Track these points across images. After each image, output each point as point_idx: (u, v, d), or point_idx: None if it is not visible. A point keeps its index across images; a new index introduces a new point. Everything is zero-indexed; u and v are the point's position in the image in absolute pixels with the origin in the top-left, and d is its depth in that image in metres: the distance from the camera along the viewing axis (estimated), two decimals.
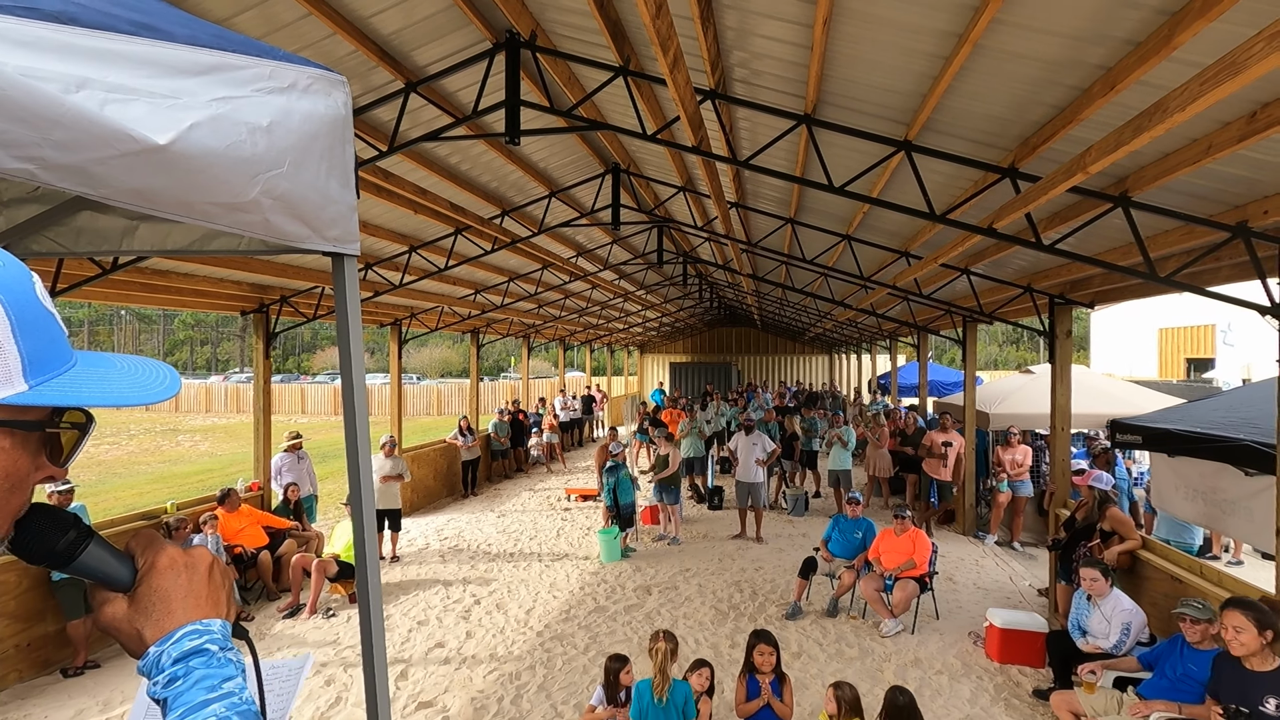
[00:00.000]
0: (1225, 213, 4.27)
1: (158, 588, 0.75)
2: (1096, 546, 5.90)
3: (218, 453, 21.38)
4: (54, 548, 0.73)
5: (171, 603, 0.75)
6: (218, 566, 0.81)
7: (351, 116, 1.22)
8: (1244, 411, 5.37)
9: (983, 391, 11.21)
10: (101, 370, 0.71)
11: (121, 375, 0.72)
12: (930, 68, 3.68)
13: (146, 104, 0.82)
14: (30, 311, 0.63)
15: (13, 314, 0.61)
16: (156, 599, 0.75)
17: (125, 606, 0.75)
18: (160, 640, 0.73)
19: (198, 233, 1.43)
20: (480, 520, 11.34)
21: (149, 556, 0.78)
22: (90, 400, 0.67)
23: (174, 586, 0.76)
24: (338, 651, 6.24)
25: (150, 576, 0.76)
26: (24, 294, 0.64)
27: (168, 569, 0.77)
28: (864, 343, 24.66)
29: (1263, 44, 2.12)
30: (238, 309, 8.97)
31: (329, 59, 4.33)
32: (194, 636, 0.73)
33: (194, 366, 69.50)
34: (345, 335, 1.25)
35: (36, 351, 0.63)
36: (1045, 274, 7.28)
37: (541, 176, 7.69)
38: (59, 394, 0.64)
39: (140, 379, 0.73)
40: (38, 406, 0.64)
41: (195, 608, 0.76)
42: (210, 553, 0.83)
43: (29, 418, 0.65)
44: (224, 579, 0.82)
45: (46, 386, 0.64)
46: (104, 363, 0.73)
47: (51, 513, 0.73)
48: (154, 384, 0.73)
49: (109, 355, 0.74)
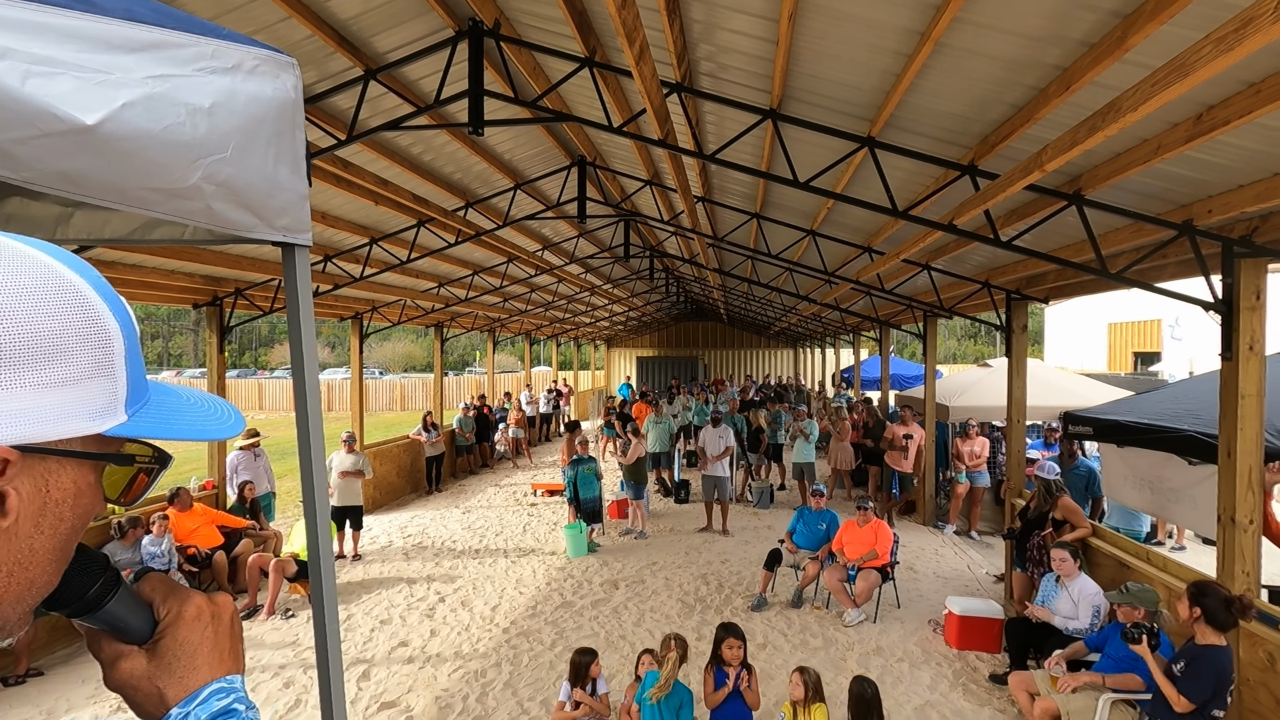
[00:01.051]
0: (1172, 211, 4.41)
1: (185, 641, 0.68)
2: (1049, 535, 6.08)
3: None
4: (85, 594, 0.64)
5: (197, 658, 0.68)
6: (237, 617, 0.74)
7: (302, 100, 1.16)
8: (1188, 403, 5.58)
9: (942, 385, 11.48)
10: (174, 401, 0.65)
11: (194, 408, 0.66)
12: (894, 64, 3.72)
13: (74, 79, 0.77)
14: (133, 336, 0.58)
15: (127, 337, 0.57)
16: (182, 654, 0.68)
17: (144, 662, 0.67)
18: (184, 701, 0.66)
19: (138, 221, 1.35)
20: (445, 517, 11.20)
21: (173, 605, 0.70)
22: (180, 434, 0.62)
23: (201, 640, 0.69)
24: (297, 653, 6.10)
25: (176, 629, 0.69)
26: (129, 317, 0.59)
27: (194, 620, 0.70)
28: (828, 337, 25.00)
29: (1210, 47, 2.19)
30: (190, 302, 8.66)
31: (284, 44, 4.19)
32: (221, 695, 0.67)
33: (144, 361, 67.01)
34: (297, 328, 1.20)
35: (136, 380, 0.58)
36: (1003, 270, 7.46)
37: (506, 168, 7.58)
38: (153, 426, 0.60)
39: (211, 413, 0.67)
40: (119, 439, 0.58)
41: (220, 663, 0.69)
42: (231, 601, 0.75)
43: (114, 450, 0.59)
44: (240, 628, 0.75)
45: (139, 417, 0.59)
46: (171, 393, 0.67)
47: (84, 553, 0.63)
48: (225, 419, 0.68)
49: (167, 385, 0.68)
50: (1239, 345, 4.11)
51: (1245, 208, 3.78)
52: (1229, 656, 3.64)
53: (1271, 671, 3.88)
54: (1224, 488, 4.26)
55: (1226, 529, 4.23)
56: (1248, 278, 4.12)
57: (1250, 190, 3.73)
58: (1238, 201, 3.82)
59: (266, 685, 5.49)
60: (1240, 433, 4.13)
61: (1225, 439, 4.23)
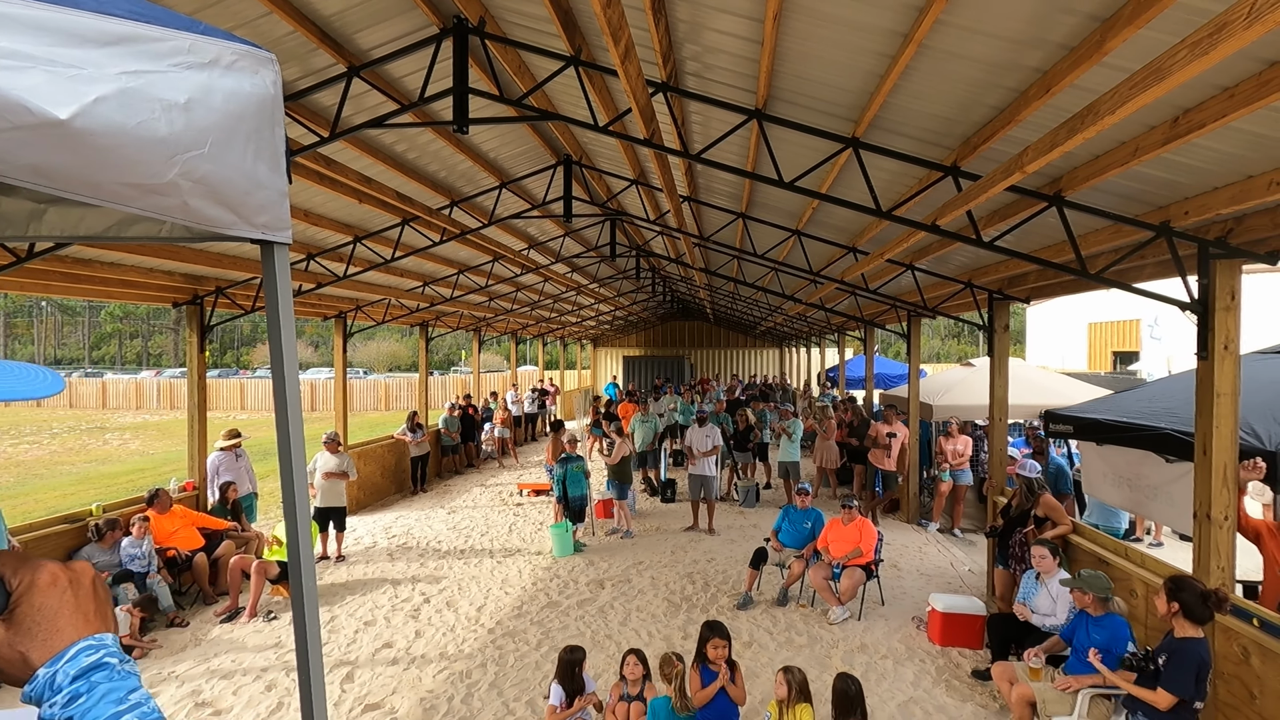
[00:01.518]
0: (1150, 213, 4.48)
1: (42, 606, 0.71)
2: (1031, 532, 6.16)
3: (149, 451, 20.40)
4: None
5: (59, 620, 0.71)
6: (99, 580, 0.77)
7: (282, 96, 1.15)
8: (1165, 402, 5.67)
9: (926, 384, 11.58)
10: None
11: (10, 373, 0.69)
12: (877, 66, 3.74)
13: (45, 73, 0.75)
14: None
15: None
16: (41, 619, 0.71)
17: (2, 631, 0.70)
18: (51, 660, 0.69)
19: (114, 217, 1.33)
20: (430, 517, 11.13)
21: (24, 575, 0.73)
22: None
23: (60, 604, 0.72)
24: (279, 655, 6.03)
25: (31, 595, 0.72)
26: None
27: (50, 586, 0.73)
28: (813, 336, 25.14)
29: (1185, 51, 2.22)
30: (170, 300, 8.54)
31: (266, 39, 4.14)
32: (90, 652, 0.70)
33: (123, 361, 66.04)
34: (276, 327, 1.18)
35: None
36: (985, 270, 7.53)
37: (491, 167, 7.55)
38: None
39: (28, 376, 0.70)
40: None
41: (85, 624, 0.73)
42: (90, 566, 0.78)
43: None
44: (106, 592, 0.78)
45: None
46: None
47: None
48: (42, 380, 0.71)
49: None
50: (1214, 345, 4.19)
51: (1221, 209, 3.85)
52: (1206, 647, 3.72)
53: (1245, 665, 3.96)
54: (1200, 485, 4.33)
55: (1202, 525, 4.30)
56: (1223, 278, 4.19)
57: (1225, 193, 3.80)
58: (1213, 203, 3.88)
59: (249, 688, 5.43)
60: (1215, 430, 4.20)
61: (1201, 437, 4.30)
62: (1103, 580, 4.55)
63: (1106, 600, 4.53)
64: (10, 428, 26.42)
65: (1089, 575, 4.60)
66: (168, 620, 6.68)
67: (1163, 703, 3.65)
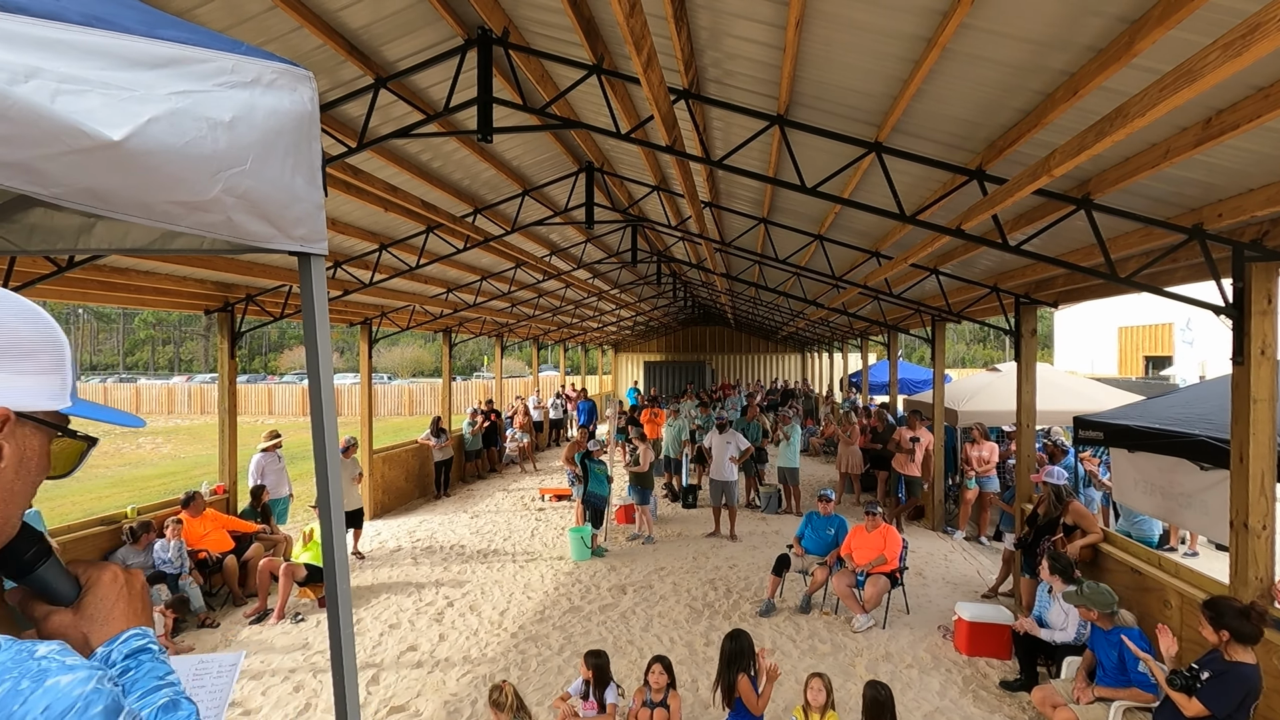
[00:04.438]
0: (1182, 215, 4.40)
1: (103, 598, 0.88)
2: (1060, 540, 6.05)
3: (181, 455, 20.85)
4: (24, 556, 0.83)
5: (114, 611, 0.87)
6: (145, 585, 0.95)
7: (318, 112, 1.19)
8: (1199, 408, 5.54)
9: (951, 389, 11.43)
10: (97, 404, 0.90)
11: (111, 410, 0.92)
12: (900, 70, 3.73)
13: (101, 96, 0.79)
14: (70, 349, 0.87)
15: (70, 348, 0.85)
16: (102, 608, 0.87)
17: (70, 616, 0.86)
18: (108, 641, 0.85)
19: (158, 231, 1.38)
20: (453, 521, 11.23)
21: (93, 573, 0.90)
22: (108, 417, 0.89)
23: (117, 598, 0.89)
24: (306, 657, 6.12)
25: (96, 588, 0.88)
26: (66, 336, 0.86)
27: (111, 583, 0.89)
28: (835, 341, 24.95)
29: (1218, 53, 2.19)
30: (201, 308, 8.74)
31: (296, 53, 4.24)
32: (139, 638, 0.86)
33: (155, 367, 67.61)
34: (313, 336, 1.21)
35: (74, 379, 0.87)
36: (1011, 274, 7.43)
37: (514, 174, 7.62)
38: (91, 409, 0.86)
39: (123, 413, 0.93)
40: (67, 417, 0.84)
41: (134, 616, 0.89)
42: (141, 573, 0.96)
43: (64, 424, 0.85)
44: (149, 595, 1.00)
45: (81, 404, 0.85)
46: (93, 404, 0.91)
47: (24, 525, 0.83)
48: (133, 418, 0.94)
49: None
50: (1250, 350, 4.09)
51: (1256, 211, 3.76)
52: (1259, 674, 3.58)
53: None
54: (1236, 493, 4.22)
55: (1239, 534, 4.20)
56: (1259, 281, 4.09)
57: (1261, 194, 3.71)
58: (1248, 205, 3.80)
59: (277, 689, 5.52)
60: (1252, 437, 4.09)
61: (1237, 444, 4.20)
62: (1105, 596, 4.47)
63: (1112, 614, 4.45)
64: None
65: (1091, 590, 4.52)
66: (199, 621, 6.82)
67: (1190, 710, 3.55)
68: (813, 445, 17.85)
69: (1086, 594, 4.54)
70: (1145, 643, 4.34)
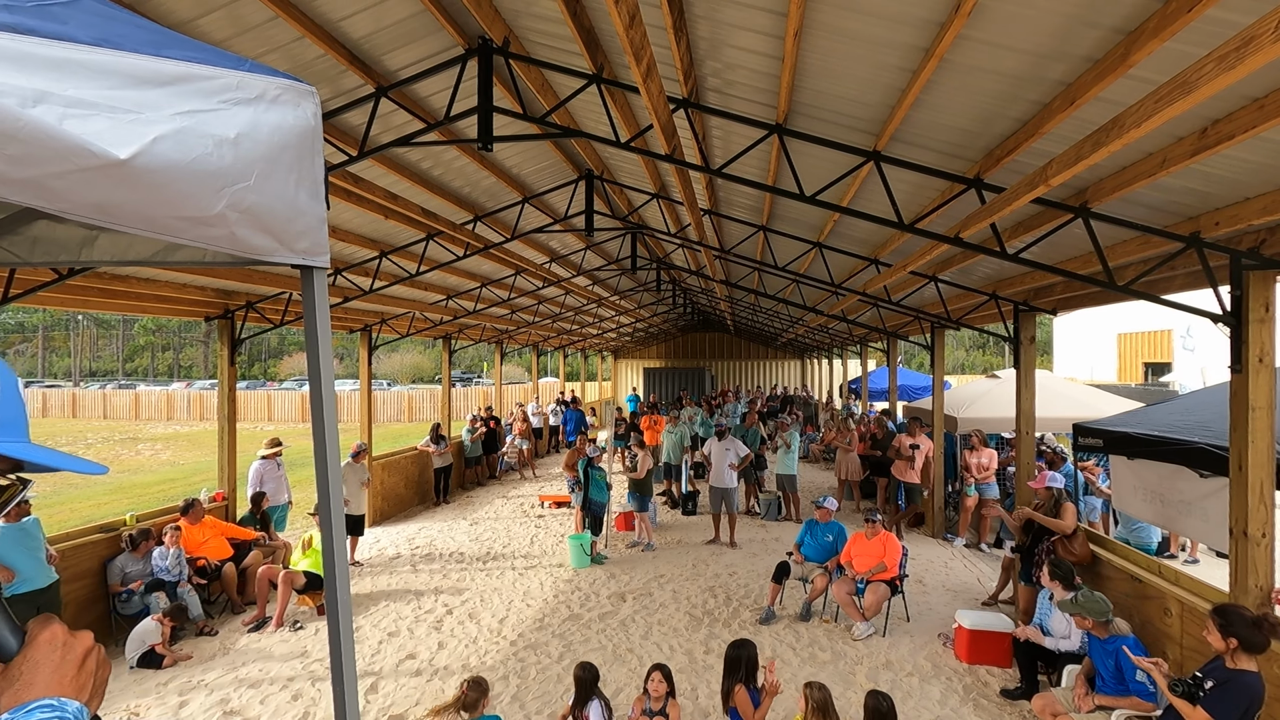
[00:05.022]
0: (1179, 224, 4.42)
1: (30, 658, 0.78)
2: (1058, 541, 6.08)
3: (180, 462, 20.81)
4: None
5: (37, 675, 0.77)
6: (96, 655, 0.83)
7: (321, 127, 1.20)
8: (1199, 415, 5.55)
9: (951, 396, 11.43)
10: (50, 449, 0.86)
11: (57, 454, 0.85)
12: (898, 80, 3.75)
13: (107, 118, 0.80)
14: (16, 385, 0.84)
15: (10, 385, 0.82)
16: (26, 668, 0.77)
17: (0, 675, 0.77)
18: (13, 710, 0.74)
19: (160, 243, 1.39)
20: (452, 528, 11.21)
21: (35, 629, 0.81)
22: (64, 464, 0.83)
23: (45, 660, 0.78)
24: (305, 665, 6.11)
25: (29, 648, 0.79)
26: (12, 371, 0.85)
27: (46, 643, 0.80)
28: (835, 348, 24.96)
29: (1212, 65, 2.21)
30: (202, 314, 8.75)
31: (297, 63, 4.27)
32: (45, 711, 0.74)
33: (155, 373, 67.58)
34: (314, 348, 1.23)
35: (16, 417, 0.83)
36: (1010, 282, 7.45)
37: (514, 182, 7.65)
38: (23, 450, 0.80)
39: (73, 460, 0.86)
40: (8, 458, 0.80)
41: (57, 685, 0.77)
42: (91, 636, 0.85)
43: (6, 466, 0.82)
44: (100, 669, 0.84)
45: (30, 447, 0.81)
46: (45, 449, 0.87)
47: None
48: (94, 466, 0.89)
49: None
50: (1248, 357, 4.10)
51: (1253, 220, 3.78)
52: (1261, 683, 3.57)
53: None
54: (1235, 501, 4.23)
55: (1239, 542, 4.20)
56: (1257, 290, 4.11)
57: (1257, 203, 3.73)
58: (1245, 214, 3.82)
59: (275, 697, 5.51)
60: (1251, 445, 4.10)
61: (1236, 452, 4.20)
62: (1100, 604, 4.47)
63: (1107, 623, 4.45)
64: (48, 438, 27.14)
65: (1086, 599, 4.53)
66: (197, 629, 6.80)
67: (1195, 718, 3.55)
68: (813, 452, 17.84)
69: (1081, 603, 4.55)
70: (1142, 650, 4.34)
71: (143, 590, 6.63)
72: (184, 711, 5.30)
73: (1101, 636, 4.48)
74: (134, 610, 6.55)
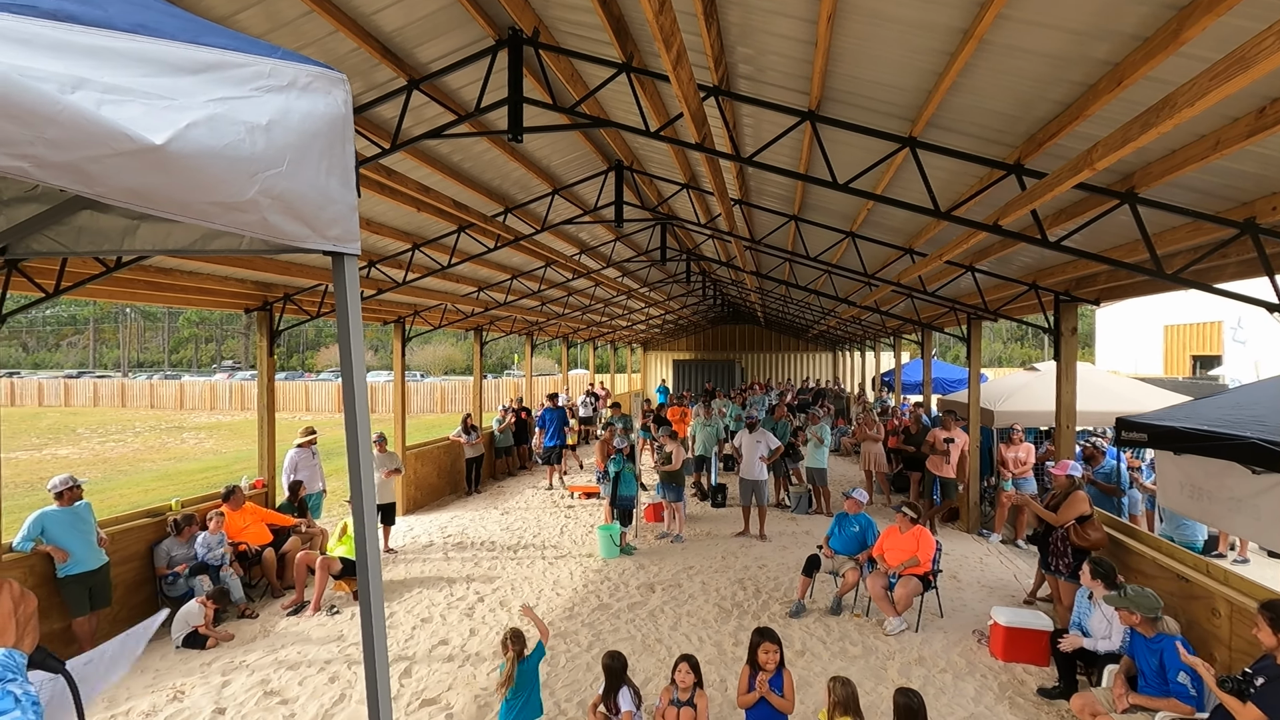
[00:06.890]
0: (1233, 209, 4.23)
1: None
2: (1073, 528, 5.96)
3: (222, 450, 21.45)
4: None
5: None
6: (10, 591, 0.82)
7: (352, 115, 1.21)
8: (1251, 409, 5.32)
9: (987, 389, 11.18)
10: None
11: None
12: (935, 64, 3.66)
13: (143, 104, 0.81)
14: None
15: None
16: None
17: None
18: None
19: (199, 232, 1.42)
20: (484, 517, 11.36)
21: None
22: None
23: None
24: (341, 649, 6.26)
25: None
26: None
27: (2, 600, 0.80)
28: (868, 340, 24.60)
29: (1272, 39, 2.10)
30: (242, 307, 8.98)
31: (331, 57, 4.33)
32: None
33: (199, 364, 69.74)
34: (346, 334, 1.24)
35: None
36: (1050, 271, 7.24)
37: (544, 174, 7.67)
38: None
39: None
40: None
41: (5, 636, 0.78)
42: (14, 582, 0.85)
43: None
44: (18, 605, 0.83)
45: None
46: None
47: None
48: None
49: None
50: None
51: None
52: None
53: None
54: None
55: None
56: None
57: None
58: None
59: (313, 679, 5.65)
60: None
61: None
62: (1150, 599, 4.32)
63: (1155, 620, 4.30)
64: (98, 426, 28.22)
65: (1136, 594, 4.38)
66: (239, 612, 7.01)
67: (1247, 716, 3.43)
68: (844, 445, 17.65)
69: (1131, 597, 4.41)
70: (1191, 650, 4.21)
71: (187, 573, 6.86)
72: (226, 691, 5.48)
73: (1148, 634, 4.34)
74: (179, 593, 6.78)
